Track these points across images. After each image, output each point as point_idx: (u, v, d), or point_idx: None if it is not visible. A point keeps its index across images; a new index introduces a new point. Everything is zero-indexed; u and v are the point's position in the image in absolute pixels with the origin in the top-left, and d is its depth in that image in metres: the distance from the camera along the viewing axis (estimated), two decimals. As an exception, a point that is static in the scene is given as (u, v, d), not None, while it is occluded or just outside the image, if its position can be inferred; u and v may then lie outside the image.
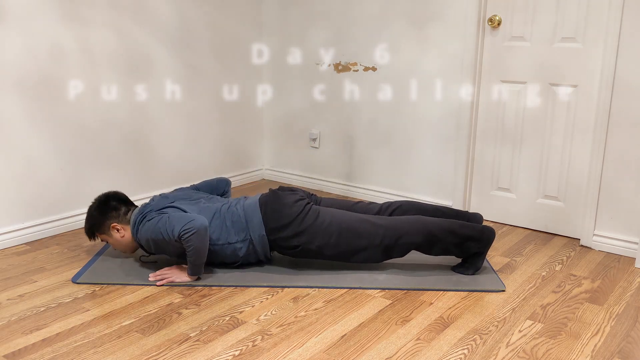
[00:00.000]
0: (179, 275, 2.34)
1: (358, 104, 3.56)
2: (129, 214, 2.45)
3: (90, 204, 2.49)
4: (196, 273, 2.32)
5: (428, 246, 2.38)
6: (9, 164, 2.69)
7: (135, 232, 2.38)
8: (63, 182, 2.91)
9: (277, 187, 2.53)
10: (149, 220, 2.33)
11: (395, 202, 2.59)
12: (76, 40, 2.86)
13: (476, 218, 2.57)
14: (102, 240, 2.51)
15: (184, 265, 2.37)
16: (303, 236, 2.35)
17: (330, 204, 2.56)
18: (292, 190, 2.47)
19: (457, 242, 2.38)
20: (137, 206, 2.51)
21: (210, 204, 2.45)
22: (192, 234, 2.20)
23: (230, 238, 2.36)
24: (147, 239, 2.32)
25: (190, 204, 2.44)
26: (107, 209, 2.44)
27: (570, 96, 2.83)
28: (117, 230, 2.43)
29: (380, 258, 2.40)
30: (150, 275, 2.37)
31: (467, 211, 2.60)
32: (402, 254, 2.40)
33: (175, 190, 2.63)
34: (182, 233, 2.20)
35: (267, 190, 2.73)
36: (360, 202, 2.61)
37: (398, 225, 2.37)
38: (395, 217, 2.44)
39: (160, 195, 2.53)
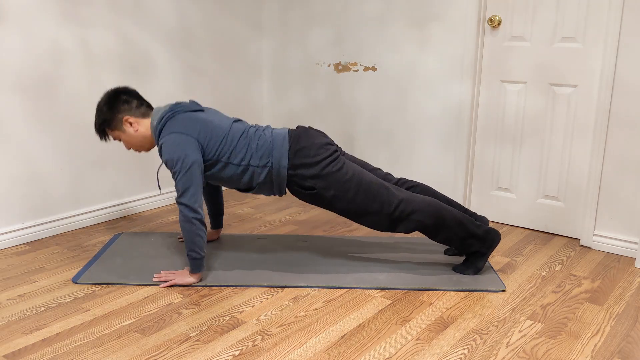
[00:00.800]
0: (182, 278, 2.33)
1: (358, 104, 3.56)
2: (142, 108, 2.37)
3: (99, 100, 2.39)
4: (197, 269, 2.31)
5: (434, 231, 2.37)
6: (9, 164, 2.69)
7: (159, 127, 2.30)
8: (63, 182, 2.91)
9: (307, 127, 2.48)
10: (171, 139, 2.25)
11: (413, 181, 2.56)
12: (76, 40, 2.86)
13: (483, 220, 2.56)
14: (114, 139, 2.42)
15: (188, 268, 2.36)
16: (322, 181, 2.31)
17: (353, 161, 2.52)
18: (322, 133, 2.44)
19: (462, 236, 2.37)
20: (149, 102, 2.43)
21: (239, 124, 2.41)
22: (181, 209, 2.21)
23: (252, 160, 2.32)
24: (166, 151, 2.26)
25: (221, 115, 2.40)
26: (118, 102, 2.35)
27: (570, 96, 2.83)
28: (131, 124, 2.35)
29: (386, 227, 2.38)
30: (154, 275, 2.37)
31: (475, 212, 2.59)
32: (408, 230, 2.37)
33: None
34: (179, 202, 2.21)
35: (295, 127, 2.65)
36: (379, 169, 2.57)
37: (414, 200, 2.35)
38: (412, 193, 2.43)
39: (190, 100, 2.45)
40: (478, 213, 3.17)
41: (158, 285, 2.33)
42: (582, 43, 2.75)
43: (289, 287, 2.34)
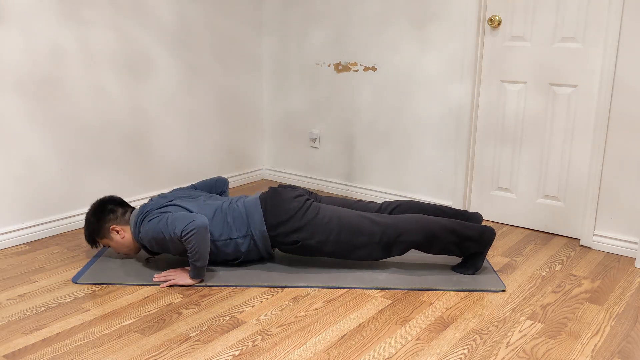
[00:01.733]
0: (182, 278, 2.33)
1: (358, 104, 3.56)
2: (126, 215, 2.46)
3: (86, 212, 2.49)
4: (199, 276, 2.31)
5: (428, 245, 2.38)
6: (9, 164, 2.69)
7: (137, 232, 2.38)
8: (63, 182, 2.91)
9: (277, 186, 2.54)
10: (150, 220, 2.33)
11: (395, 201, 2.59)
12: (76, 40, 2.86)
13: (476, 217, 2.57)
14: (104, 246, 2.50)
15: (188, 268, 2.37)
16: (303, 232, 2.35)
17: (330, 202, 2.56)
18: (291, 187, 2.48)
19: (456, 242, 2.38)
20: (133, 207, 2.52)
21: (210, 202, 2.46)
22: (193, 233, 2.20)
23: (232, 234, 2.37)
24: (150, 238, 2.32)
25: (189, 201, 2.44)
26: (104, 212, 2.44)
27: (570, 96, 2.83)
28: (117, 232, 2.43)
29: (380, 255, 2.41)
30: (155, 276, 2.37)
31: (466, 210, 2.60)
32: (402, 252, 2.40)
33: (174, 190, 2.63)
34: (184, 232, 2.20)
35: (267, 189, 2.74)
36: (360, 201, 2.61)
37: (398, 223, 2.37)
38: (395, 215, 2.45)
39: (159, 195, 2.53)
40: (478, 212, 3.17)
41: (158, 285, 2.33)
42: (582, 43, 2.75)
43: (289, 287, 2.34)
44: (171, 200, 2.44)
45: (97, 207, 2.47)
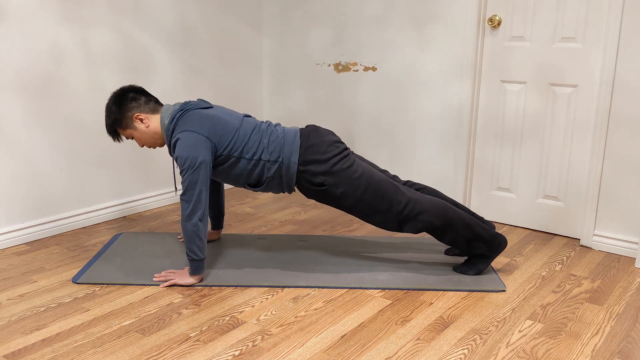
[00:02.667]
0: (182, 278, 2.33)
1: (358, 104, 3.56)
2: (150, 104, 2.38)
3: (107, 102, 2.40)
4: (197, 272, 2.31)
5: (442, 231, 2.36)
6: (9, 164, 2.69)
7: (171, 126, 2.31)
8: (63, 182, 2.91)
9: (317, 125, 2.50)
10: (184, 132, 2.26)
11: (420, 184, 2.56)
12: (76, 40, 2.86)
13: (490, 225, 2.55)
14: (127, 138, 2.43)
15: (188, 268, 2.36)
16: (332, 177, 2.32)
17: (362, 160, 2.52)
18: (332, 132, 2.46)
19: (468, 238, 2.37)
20: (156, 98, 2.44)
21: (249, 119, 2.42)
22: (192, 221, 2.21)
23: (264, 155, 2.33)
24: (177, 140, 2.27)
25: (230, 112, 2.41)
26: (126, 100, 2.36)
27: (570, 96, 2.83)
28: (142, 120, 2.36)
29: (394, 227, 2.38)
30: (155, 275, 2.37)
31: (483, 217, 2.57)
32: (416, 230, 2.37)
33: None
34: (182, 195, 2.22)
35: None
36: (386, 171, 2.57)
37: (423, 201, 2.36)
38: (422, 193, 2.43)
39: (198, 99, 2.46)
40: (478, 213, 3.18)
41: (158, 285, 2.33)
42: (582, 43, 2.75)
43: (289, 287, 2.34)
44: (212, 107, 2.39)
45: (118, 95, 2.38)
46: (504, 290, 2.33)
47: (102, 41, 2.97)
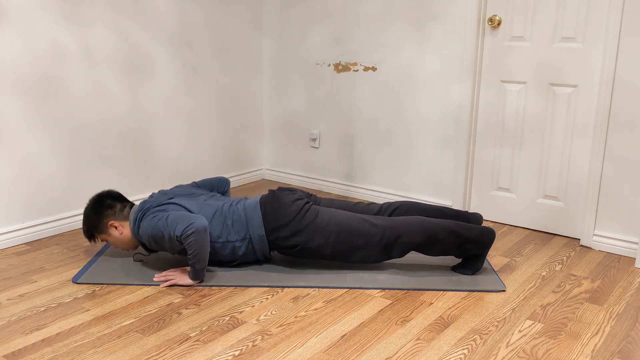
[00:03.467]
0: (182, 278, 2.33)
1: (358, 104, 3.56)
2: (125, 210, 2.45)
3: (85, 207, 2.49)
4: (198, 277, 2.31)
5: (427, 246, 2.38)
6: (9, 164, 2.69)
7: (136, 229, 2.38)
8: (63, 182, 2.91)
9: (276, 188, 2.54)
10: (150, 218, 2.33)
11: (395, 202, 2.59)
12: (76, 40, 2.86)
13: (476, 218, 2.57)
14: (102, 241, 2.50)
15: (188, 268, 2.36)
16: (302, 235, 2.35)
17: (330, 204, 2.56)
18: (291, 190, 2.48)
19: (457, 243, 2.38)
20: (132, 202, 2.51)
21: (211, 202, 2.46)
22: (193, 235, 2.20)
23: (230, 236, 2.37)
24: (148, 236, 2.32)
25: (190, 199, 2.44)
26: (103, 207, 2.44)
27: (570, 96, 2.83)
28: (116, 227, 2.43)
29: (380, 258, 2.40)
30: (155, 275, 2.38)
31: (467, 211, 2.60)
32: (402, 254, 2.40)
33: (175, 187, 2.63)
34: (184, 234, 2.20)
35: (267, 191, 2.74)
36: (360, 202, 2.61)
37: (397, 224, 2.37)
38: (394, 217, 2.44)
39: (159, 191, 2.53)
40: (478, 212, 3.17)
41: (158, 285, 2.33)
42: (582, 43, 2.75)
43: (289, 287, 2.34)
44: (171, 198, 2.44)
45: (95, 202, 2.46)
46: (504, 290, 2.33)
47: (102, 41, 2.97)
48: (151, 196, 2.49)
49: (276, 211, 2.37)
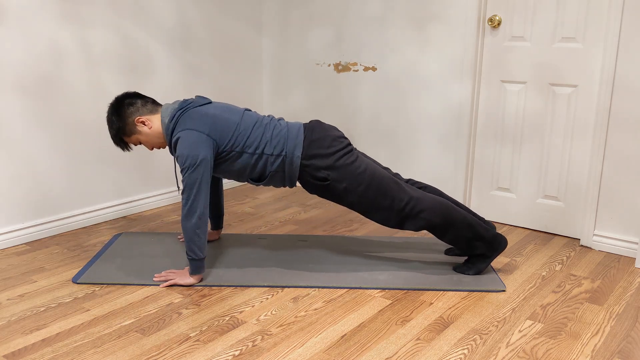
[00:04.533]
0: (182, 278, 2.33)
1: (358, 104, 3.56)
2: (148, 105, 2.39)
3: (106, 114, 2.41)
4: (196, 271, 2.31)
5: (443, 230, 2.36)
6: (9, 164, 2.69)
7: (171, 125, 2.31)
8: (63, 182, 2.91)
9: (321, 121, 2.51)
10: (185, 130, 2.26)
11: (422, 182, 2.57)
12: (76, 40, 2.86)
13: (490, 226, 2.55)
14: (135, 144, 2.44)
15: (188, 268, 2.36)
16: (335, 172, 2.32)
17: (365, 157, 2.53)
18: (336, 128, 2.46)
19: (469, 237, 2.37)
20: (152, 99, 2.44)
21: (251, 113, 2.42)
22: (185, 203, 2.21)
23: (267, 149, 2.33)
24: (178, 139, 2.27)
25: (231, 107, 2.41)
26: (123, 108, 2.36)
27: (570, 96, 2.83)
28: (143, 122, 2.36)
29: (395, 224, 2.38)
30: (155, 275, 2.38)
31: (484, 218, 2.57)
32: (417, 228, 2.37)
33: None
34: (182, 193, 2.22)
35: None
36: (388, 169, 2.56)
37: (425, 199, 2.36)
38: (424, 191, 2.43)
39: (197, 96, 2.45)
40: (478, 213, 3.18)
41: (158, 285, 2.33)
42: (582, 43, 2.75)
43: (289, 287, 2.34)
44: (211, 102, 2.39)
45: (115, 105, 2.38)
46: (504, 290, 2.33)
47: (102, 41, 2.97)
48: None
49: (319, 140, 2.34)
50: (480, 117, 3.13)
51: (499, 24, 2.97)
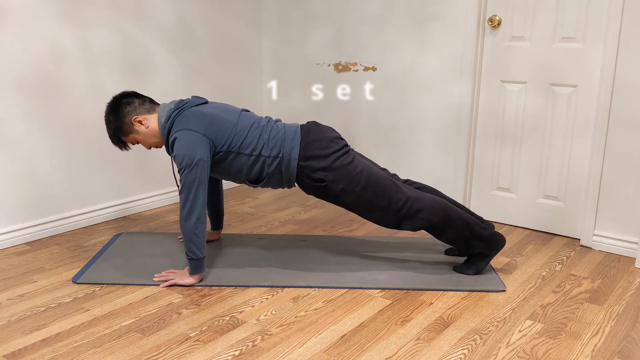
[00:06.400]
0: (182, 278, 2.33)
1: (358, 104, 3.56)
2: (145, 105, 2.39)
3: (104, 114, 2.41)
4: (196, 271, 2.31)
5: (440, 229, 2.37)
6: (9, 164, 2.69)
7: (168, 125, 2.31)
8: (63, 182, 2.91)
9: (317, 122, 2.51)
10: (181, 130, 2.26)
11: (419, 183, 2.57)
12: (76, 40, 2.86)
13: (489, 225, 2.55)
14: (132, 144, 2.44)
15: (188, 268, 2.36)
16: (332, 173, 2.32)
17: (362, 158, 2.53)
18: (333, 129, 2.46)
19: (467, 236, 2.37)
20: (150, 98, 2.44)
21: (248, 114, 2.42)
22: (183, 203, 2.21)
23: (264, 151, 2.33)
24: (175, 139, 2.27)
25: (227, 107, 2.41)
26: (121, 107, 2.37)
27: (570, 96, 2.83)
28: (140, 122, 2.37)
29: (393, 224, 2.38)
30: (155, 275, 2.38)
31: (482, 217, 2.58)
32: (414, 228, 2.37)
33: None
34: (180, 193, 2.22)
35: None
36: (386, 169, 2.57)
37: (422, 198, 2.36)
38: (421, 191, 2.43)
39: (193, 96, 2.46)
40: (477, 213, 3.18)
41: (158, 285, 2.33)
42: (582, 43, 2.75)
43: (289, 287, 2.34)
44: (207, 102, 2.40)
45: (112, 105, 2.38)
46: (504, 290, 2.33)
47: (102, 41, 2.97)
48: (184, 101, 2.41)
49: (316, 141, 2.34)
50: (480, 117, 3.13)
51: (499, 24, 2.97)
